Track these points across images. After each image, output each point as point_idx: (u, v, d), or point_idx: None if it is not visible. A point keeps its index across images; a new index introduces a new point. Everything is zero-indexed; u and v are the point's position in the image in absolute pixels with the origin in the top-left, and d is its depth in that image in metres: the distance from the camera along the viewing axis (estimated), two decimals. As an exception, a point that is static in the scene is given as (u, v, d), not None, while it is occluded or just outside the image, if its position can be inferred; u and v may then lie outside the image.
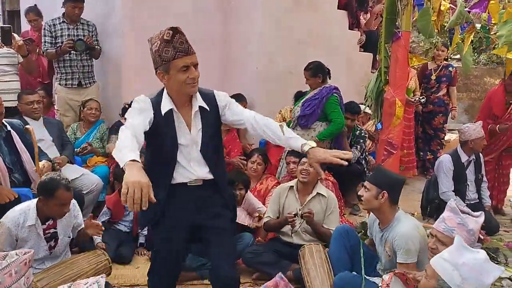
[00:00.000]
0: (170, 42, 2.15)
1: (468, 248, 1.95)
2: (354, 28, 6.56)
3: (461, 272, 1.87)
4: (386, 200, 2.88)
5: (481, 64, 10.45)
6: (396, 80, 4.14)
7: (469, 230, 2.45)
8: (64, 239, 3.07)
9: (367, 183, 2.97)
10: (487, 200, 4.75)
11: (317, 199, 3.60)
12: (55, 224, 3.01)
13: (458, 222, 2.47)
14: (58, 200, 2.84)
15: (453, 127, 8.27)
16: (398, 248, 2.78)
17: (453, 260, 1.91)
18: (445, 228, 2.48)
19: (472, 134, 4.55)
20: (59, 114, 5.16)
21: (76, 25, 5.04)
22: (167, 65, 2.19)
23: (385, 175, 3.00)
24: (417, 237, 2.78)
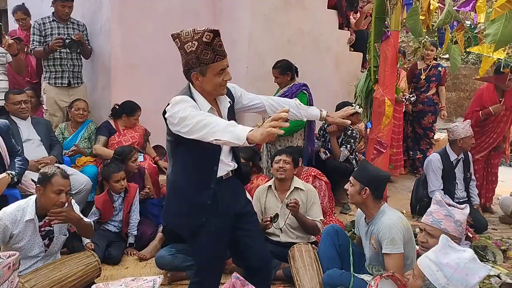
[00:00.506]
0: (210, 45, 2.14)
1: (454, 247, 1.94)
2: (344, 27, 6.58)
3: (445, 272, 1.85)
4: (368, 196, 2.92)
5: (470, 64, 10.52)
6: (386, 79, 4.14)
7: (456, 221, 2.48)
8: (60, 237, 3.04)
9: (352, 178, 3.01)
10: (475, 198, 4.80)
11: (295, 194, 3.62)
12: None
13: (445, 214, 2.51)
14: (55, 186, 2.83)
15: (442, 126, 8.33)
16: (383, 239, 2.80)
17: (438, 260, 1.90)
18: (433, 221, 2.51)
19: (461, 133, 4.58)
20: (48, 114, 5.11)
21: (66, 24, 5.00)
22: (204, 67, 2.19)
23: (368, 171, 3.02)
24: (401, 227, 2.80)
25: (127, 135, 4.69)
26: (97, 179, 4.37)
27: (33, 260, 2.92)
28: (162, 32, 5.23)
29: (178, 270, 3.46)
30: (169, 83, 5.46)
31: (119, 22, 5.03)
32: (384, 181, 3.08)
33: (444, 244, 1.94)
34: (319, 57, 5.98)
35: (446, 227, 2.47)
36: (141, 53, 5.13)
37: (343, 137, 5.12)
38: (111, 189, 3.87)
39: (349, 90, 6.10)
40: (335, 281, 2.91)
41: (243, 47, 5.43)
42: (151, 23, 5.19)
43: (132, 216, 3.96)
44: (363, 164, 3.17)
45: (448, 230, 2.47)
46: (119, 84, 5.07)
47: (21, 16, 5.74)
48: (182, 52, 2.22)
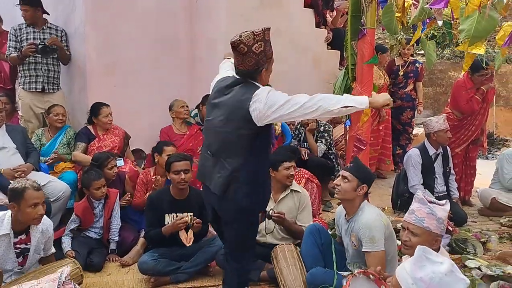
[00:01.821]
0: (269, 41, 2.46)
1: (431, 259, 1.87)
2: (321, 26, 6.61)
3: (419, 287, 1.81)
4: (362, 193, 2.95)
5: (445, 59, 10.67)
6: (363, 77, 4.15)
7: (438, 219, 2.48)
8: (35, 256, 2.99)
9: (348, 174, 2.97)
10: (455, 192, 4.86)
11: (290, 196, 3.62)
12: (27, 240, 2.93)
13: (427, 212, 2.49)
14: (29, 201, 2.79)
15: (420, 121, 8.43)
16: (363, 237, 2.82)
17: (412, 273, 1.82)
18: (415, 219, 2.50)
19: (434, 126, 4.64)
20: (23, 120, 5.01)
21: (42, 29, 4.91)
22: (270, 62, 2.52)
23: (365, 169, 3.09)
24: (381, 225, 2.83)
25: (107, 139, 4.63)
26: (77, 185, 4.29)
27: (8, 274, 2.87)
28: (139, 34, 5.19)
29: (161, 274, 3.43)
30: (146, 85, 5.45)
31: (94, 24, 4.96)
32: (374, 179, 3.16)
33: (420, 256, 1.87)
34: (297, 56, 5.99)
35: (429, 225, 2.46)
36: (117, 56, 5.07)
37: (317, 133, 5.17)
38: (91, 196, 3.81)
39: (327, 88, 6.12)
40: (318, 280, 2.92)
41: (220, 46, 5.39)
42: (127, 25, 5.14)
43: (113, 222, 3.91)
44: (358, 162, 3.15)
45: (430, 228, 2.46)
46: (95, 87, 5.00)
47: (-8, 22, 5.63)
48: (251, 55, 2.43)
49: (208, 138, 2.69)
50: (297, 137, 5.33)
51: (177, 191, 3.57)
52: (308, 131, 5.11)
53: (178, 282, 3.45)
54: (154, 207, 3.56)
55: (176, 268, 3.47)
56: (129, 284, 3.45)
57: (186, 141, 4.93)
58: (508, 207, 4.87)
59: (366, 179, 2.99)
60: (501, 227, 4.64)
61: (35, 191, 2.82)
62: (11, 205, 2.81)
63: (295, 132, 5.38)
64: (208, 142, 2.67)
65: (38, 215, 2.84)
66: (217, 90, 2.64)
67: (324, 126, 5.20)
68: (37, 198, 2.82)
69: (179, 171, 3.51)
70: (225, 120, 2.52)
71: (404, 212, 4.78)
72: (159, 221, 3.52)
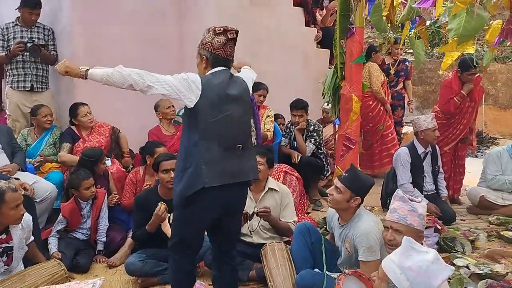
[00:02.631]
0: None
1: (416, 248, 1.91)
2: (311, 24, 6.60)
3: (407, 276, 1.83)
4: (356, 205, 2.92)
5: (435, 57, 10.73)
6: (352, 76, 4.17)
7: (420, 215, 2.52)
8: (20, 252, 2.95)
9: (340, 185, 2.92)
10: (443, 191, 4.87)
11: (269, 194, 3.60)
12: (8, 239, 2.88)
13: (409, 209, 2.52)
14: (10, 203, 2.75)
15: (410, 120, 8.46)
16: (360, 246, 2.80)
17: (400, 263, 1.87)
18: (398, 217, 2.52)
19: (422, 124, 4.65)
20: (11, 119, 4.95)
21: (30, 28, 4.86)
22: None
23: (360, 180, 2.96)
24: (378, 233, 2.80)
25: (92, 140, 4.56)
26: (63, 185, 4.24)
27: (-7, 276, 2.82)
28: (127, 33, 5.15)
29: (149, 275, 3.40)
30: (135, 85, 5.39)
31: (81, 24, 4.92)
32: (371, 188, 3.06)
33: (407, 246, 1.92)
34: (287, 55, 5.98)
35: (412, 222, 2.49)
36: (105, 55, 5.00)
37: (306, 133, 5.16)
38: (80, 197, 3.76)
39: (317, 87, 6.11)
40: (308, 282, 2.90)
41: (209, 46, 5.37)
42: (115, 25, 5.09)
43: (101, 223, 3.87)
44: (354, 172, 3.03)
45: (413, 224, 2.49)
46: (82, 87, 4.93)
47: (-21, 20, 5.55)
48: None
49: (230, 131, 2.58)
50: (288, 136, 5.32)
51: (166, 191, 3.53)
52: (297, 130, 5.10)
53: (165, 283, 3.41)
54: (141, 207, 3.53)
55: (164, 269, 3.43)
56: (116, 285, 3.42)
57: (177, 142, 4.87)
58: (496, 205, 4.88)
59: (360, 191, 2.92)
60: (490, 225, 4.65)
61: (14, 192, 2.79)
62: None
63: (285, 131, 5.37)
64: (232, 135, 2.59)
65: (20, 215, 2.81)
66: (222, 84, 2.58)
67: (314, 126, 5.19)
68: (18, 199, 2.79)
69: (168, 169, 3.48)
70: (243, 110, 2.65)
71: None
72: (147, 221, 3.48)
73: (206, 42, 2.60)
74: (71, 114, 4.57)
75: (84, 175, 3.77)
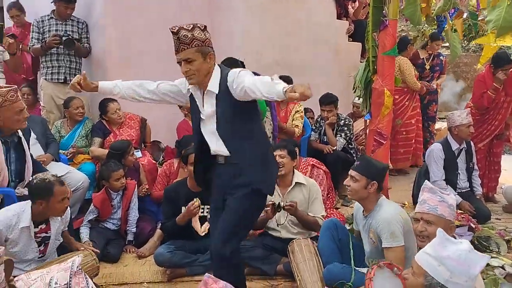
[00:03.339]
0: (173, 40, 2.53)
1: (451, 239, 1.91)
2: (342, 17, 6.51)
3: (447, 266, 1.82)
4: (374, 189, 2.89)
5: (471, 51, 10.42)
6: (384, 69, 4.08)
7: (450, 206, 2.51)
8: (55, 242, 3.03)
9: (355, 173, 2.92)
10: (478, 188, 4.73)
11: (297, 189, 3.57)
12: (47, 229, 2.96)
13: (439, 200, 2.52)
14: (58, 196, 2.83)
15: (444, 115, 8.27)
16: (382, 233, 2.77)
17: (438, 254, 1.86)
18: (429, 208, 2.51)
19: (456, 120, 4.52)
20: (45, 111, 5.06)
21: (65, 21, 4.95)
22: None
23: (372, 165, 2.98)
24: (399, 220, 2.78)
25: (123, 134, 4.62)
26: (95, 176, 4.32)
27: (27, 263, 2.90)
28: (157, 25, 5.16)
29: (178, 267, 3.42)
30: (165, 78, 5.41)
31: (113, 17, 4.97)
32: (386, 171, 3.09)
33: (441, 237, 1.90)
34: (317, 48, 5.91)
35: (443, 212, 2.48)
36: (136, 48, 5.07)
37: (336, 127, 5.10)
38: (110, 188, 3.83)
39: (348, 81, 6.03)
40: (335, 276, 2.87)
41: (238, 39, 5.36)
42: (145, 17, 5.13)
43: (131, 214, 3.92)
44: (365, 158, 3.09)
45: (444, 215, 2.48)
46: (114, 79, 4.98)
47: (15, 13, 5.69)
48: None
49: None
50: (317, 130, 5.27)
51: (194, 183, 3.54)
52: (327, 125, 5.04)
53: (194, 274, 3.44)
54: (170, 200, 3.56)
55: (192, 260, 3.46)
56: (145, 275, 3.45)
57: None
58: (534, 204, 4.72)
59: (375, 175, 2.90)
60: (527, 224, 4.50)
61: (62, 185, 2.88)
62: (38, 202, 2.82)
63: (315, 125, 5.31)
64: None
65: (65, 208, 2.91)
66: None
67: (344, 120, 5.12)
68: (65, 192, 2.88)
69: None
70: None
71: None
72: (176, 214, 3.51)
73: (205, 39, 2.53)
74: (101, 110, 4.64)
75: (114, 166, 3.84)
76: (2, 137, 3.23)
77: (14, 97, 3.13)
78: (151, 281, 3.41)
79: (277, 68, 5.50)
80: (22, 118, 3.23)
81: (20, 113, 3.18)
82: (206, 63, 2.54)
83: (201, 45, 2.51)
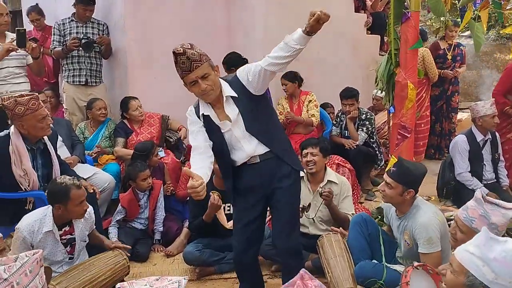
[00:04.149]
0: (176, 63, 2.42)
1: (496, 238, 1.79)
2: (360, 10, 6.45)
3: (492, 267, 1.73)
4: (411, 197, 2.85)
5: (491, 40, 10.25)
6: (407, 62, 4.03)
7: (491, 224, 2.29)
8: (81, 243, 3.06)
9: (390, 180, 2.84)
10: (504, 179, 4.67)
11: (328, 187, 3.55)
12: (71, 230, 3.00)
13: (480, 213, 2.33)
14: (75, 200, 2.83)
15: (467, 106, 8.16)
16: (419, 238, 2.72)
17: (483, 255, 1.75)
18: (465, 217, 2.36)
19: (480, 111, 4.46)
20: (68, 113, 5.12)
21: (85, 24, 4.99)
22: (183, 80, 2.49)
23: (410, 172, 2.84)
24: (437, 224, 2.72)
25: (144, 132, 4.66)
26: (120, 176, 4.37)
27: (59, 264, 2.95)
28: (177, 25, 5.19)
29: (206, 265, 3.46)
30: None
31: (133, 17, 4.99)
32: (423, 176, 2.93)
33: (487, 237, 1.79)
34: (336, 42, 5.85)
35: (478, 226, 2.28)
36: (157, 48, 5.09)
37: (358, 121, 5.08)
38: (137, 188, 3.87)
39: (367, 74, 5.99)
40: (367, 273, 2.85)
41: (258, 35, 5.34)
42: (165, 17, 5.14)
43: (158, 213, 3.96)
44: (403, 166, 2.89)
45: (478, 229, 2.18)
46: (135, 80, 5.05)
47: (35, 16, 5.75)
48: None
49: None
50: (338, 125, 5.24)
51: (220, 181, 3.56)
52: (349, 119, 5.02)
53: (222, 272, 3.47)
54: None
55: (220, 258, 3.49)
56: (175, 274, 3.49)
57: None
58: (562, 194, 4.63)
59: (412, 183, 2.82)
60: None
61: (78, 189, 2.85)
62: (56, 207, 2.84)
63: (336, 120, 5.29)
64: None
65: (84, 211, 2.91)
66: None
67: (365, 114, 5.09)
68: (82, 195, 2.86)
69: None
70: None
71: (450, 201, 4.67)
72: (203, 211, 3.53)
73: (205, 53, 2.47)
74: (123, 108, 4.68)
75: (140, 167, 3.87)
76: (28, 145, 3.28)
77: (36, 105, 3.16)
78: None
79: (295, 63, 5.37)
80: (46, 125, 3.26)
81: (43, 120, 3.21)
82: (216, 75, 2.52)
83: (208, 59, 2.47)
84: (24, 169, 3.24)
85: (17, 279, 1.67)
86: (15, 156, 3.20)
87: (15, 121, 3.18)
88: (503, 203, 2.37)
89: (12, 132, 3.23)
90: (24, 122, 3.16)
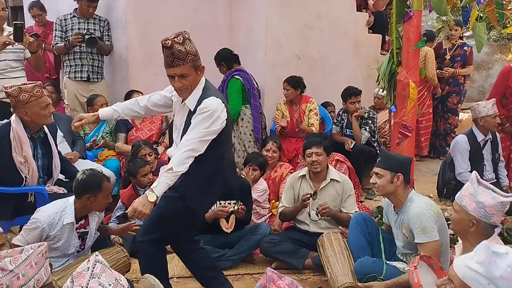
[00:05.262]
0: (162, 52, 2.48)
1: (497, 253, 1.71)
2: (362, 9, 6.45)
3: (498, 285, 1.64)
4: (401, 182, 2.87)
5: (492, 41, 10.26)
6: (409, 61, 4.04)
7: (478, 202, 2.27)
8: (94, 237, 3.10)
9: (378, 169, 2.93)
10: (504, 179, 4.69)
11: (331, 185, 3.56)
12: (86, 223, 3.03)
13: (470, 192, 2.33)
14: (105, 191, 2.91)
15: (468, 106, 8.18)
16: (414, 228, 2.76)
17: (488, 274, 1.69)
18: (458, 196, 2.40)
19: (481, 111, 4.47)
20: (69, 109, 5.13)
21: (87, 20, 5.00)
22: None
23: (395, 157, 3.00)
24: (431, 214, 2.76)
25: (144, 128, 4.70)
26: (120, 172, 4.38)
27: (66, 258, 2.96)
28: (179, 22, 5.17)
29: (206, 262, 3.45)
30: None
31: (135, 14, 5.00)
32: (410, 164, 3.05)
33: (489, 253, 1.72)
34: (338, 41, 5.86)
35: (466, 204, 2.30)
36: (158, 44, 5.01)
37: (360, 120, 5.07)
38: (138, 184, 3.87)
39: (368, 73, 6.00)
40: (367, 269, 2.88)
41: (260, 33, 5.34)
42: (167, 14, 5.14)
43: (158, 209, 3.95)
44: (385, 153, 3.10)
45: (467, 207, 2.30)
46: (137, 76, 5.05)
47: (37, 12, 5.74)
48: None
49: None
50: (339, 124, 5.24)
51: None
52: (355, 118, 5.00)
53: (222, 269, 3.45)
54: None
55: (220, 255, 3.49)
56: (175, 270, 3.48)
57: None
58: (562, 195, 4.64)
59: (399, 167, 2.89)
60: (555, 216, 4.43)
61: (109, 181, 2.97)
62: (85, 197, 2.86)
63: (337, 119, 5.29)
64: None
65: (107, 204, 3.00)
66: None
67: (368, 113, 5.10)
68: (111, 188, 2.99)
69: None
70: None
71: (450, 201, 4.66)
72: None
73: (195, 52, 2.48)
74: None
75: (141, 163, 3.88)
76: (29, 133, 3.31)
77: (39, 93, 3.22)
78: (180, 275, 3.44)
79: (297, 62, 5.49)
80: (48, 113, 3.31)
81: (46, 107, 3.27)
82: (198, 76, 2.53)
83: (194, 60, 2.46)
84: (25, 155, 3.27)
85: (23, 270, 1.70)
86: (16, 143, 3.23)
87: (18, 109, 3.21)
88: (497, 190, 2.36)
89: (13, 119, 3.26)
90: (28, 109, 3.19)
